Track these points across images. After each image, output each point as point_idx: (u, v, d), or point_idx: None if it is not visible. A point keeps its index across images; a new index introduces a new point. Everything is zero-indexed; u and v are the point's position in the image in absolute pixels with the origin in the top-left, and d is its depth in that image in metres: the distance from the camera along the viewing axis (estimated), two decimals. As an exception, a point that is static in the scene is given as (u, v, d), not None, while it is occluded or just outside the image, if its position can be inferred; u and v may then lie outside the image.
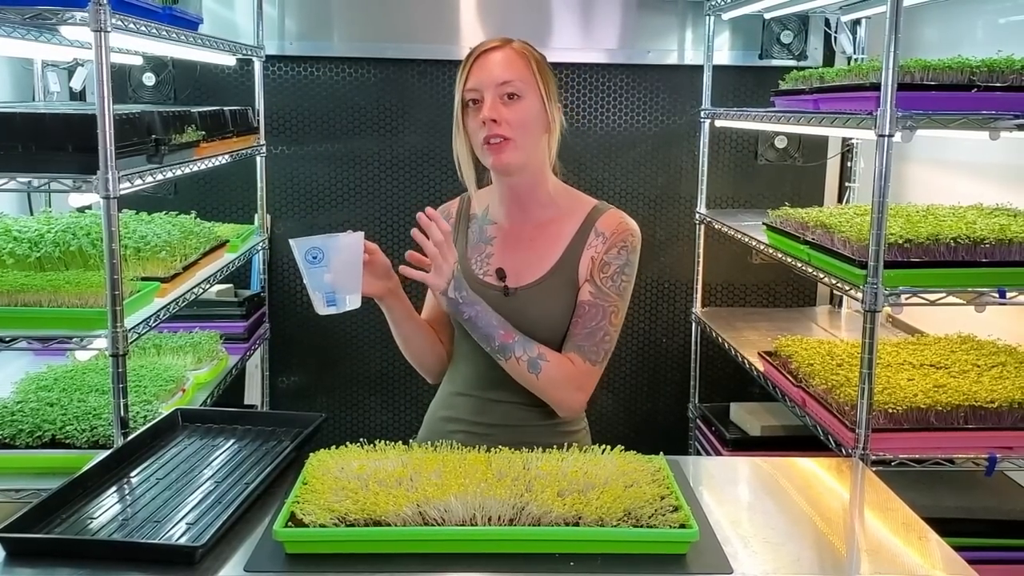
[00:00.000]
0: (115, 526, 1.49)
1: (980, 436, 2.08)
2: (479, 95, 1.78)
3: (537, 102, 1.80)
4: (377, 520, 1.45)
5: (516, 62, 1.79)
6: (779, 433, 2.98)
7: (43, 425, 2.18)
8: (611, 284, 1.83)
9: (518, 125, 1.78)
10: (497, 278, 1.87)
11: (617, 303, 1.84)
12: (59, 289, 2.12)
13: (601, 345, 1.84)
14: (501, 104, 1.77)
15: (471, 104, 1.80)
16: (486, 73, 1.78)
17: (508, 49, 1.80)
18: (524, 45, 1.84)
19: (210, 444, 1.86)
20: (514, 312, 1.83)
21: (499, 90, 1.77)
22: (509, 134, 1.77)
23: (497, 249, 1.90)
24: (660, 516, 1.47)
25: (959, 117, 1.96)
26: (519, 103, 1.78)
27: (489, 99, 1.77)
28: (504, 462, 1.62)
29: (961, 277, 2.07)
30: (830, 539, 1.57)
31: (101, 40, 1.88)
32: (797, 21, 3.65)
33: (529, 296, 1.85)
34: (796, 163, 3.82)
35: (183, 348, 2.81)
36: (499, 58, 1.79)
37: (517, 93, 1.78)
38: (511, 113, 1.77)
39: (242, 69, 3.67)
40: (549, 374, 1.79)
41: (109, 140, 1.93)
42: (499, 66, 1.78)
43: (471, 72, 1.79)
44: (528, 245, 1.88)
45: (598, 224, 1.86)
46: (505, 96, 1.77)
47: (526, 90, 1.78)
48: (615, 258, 1.83)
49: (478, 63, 1.79)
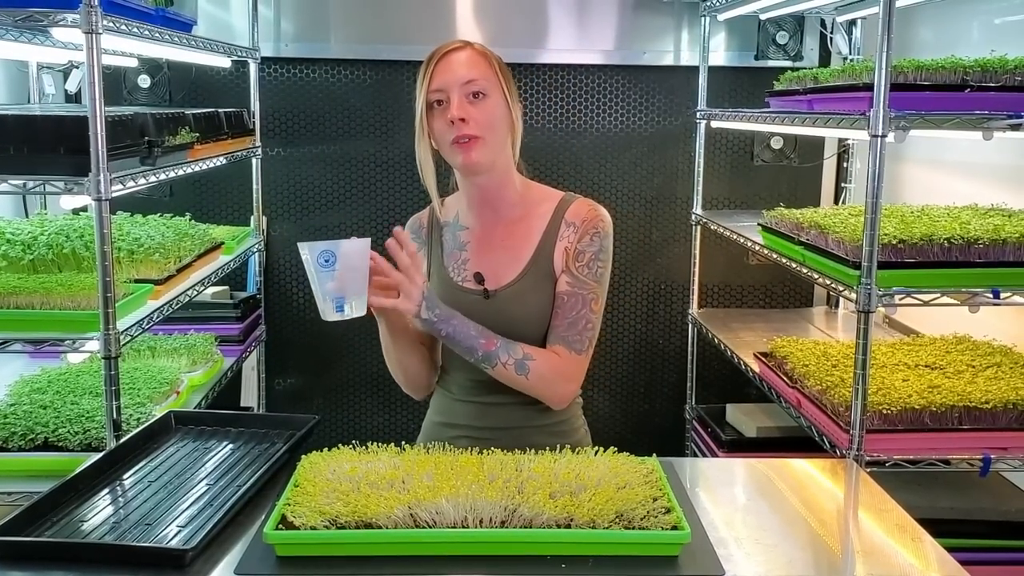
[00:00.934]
0: (107, 529, 1.49)
1: (975, 437, 2.08)
2: (444, 96, 1.78)
3: (501, 101, 1.81)
4: (368, 523, 1.44)
5: (479, 61, 1.80)
6: (775, 434, 2.98)
7: (36, 428, 2.18)
8: (587, 272, 1.83)
9: (486, 124, 1.78)
10: (476, 282, 1.87)
11: (596, 290, 1.84)
12: (51, 291, 2.12)
13: (584, 334, 1.84)
14: (468, 103, 1.77)
15: (436, 105, 1.80)
16: (450, 73, 1.78)
17: (469, 50, 1.81)
18: (483, 47, 1.85)
19: (203, 446, 1.86)
20: (496, 314, 1.84)
21: (464, 89, 1.77)
22: (477, 132, 1.77)
23: (472, 254, 1.90)
24: (652, 518, 1.47)
25: (952, 117, 1.96)
26: (485, 102, 1.78)
27: (456, 99, 1.77)
28: (496, 464, 1.62)
29: (955, 277, 2.06)
30: (824, 540, 1.57)
31: (92, 42, 1.88)
32: (793, 22, 3.65)
33: (509, 296, 1.85)
34: (792, 164, 3.82)
35: (178, 350, 2.81)
36: (462, 58, 1.79)
37: (483, 91, 1.78)
38: (478, 112, 1.78)
39: (237, 71, 3.66)
40: (538, 372, 1.79)
41: (101, 142, 1.93)
42: (463, 66, 1.78)
43: (435, 73, 1.79)
44: (501, 245, 1.88)
45: (567, 215, 1.86)
46: (471, 95, 1.78)
47: (491, 88, 1.79)
48: (588, 245, 1.83)
49: (441, 64, 1.79)
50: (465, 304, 1.84)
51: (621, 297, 3.92)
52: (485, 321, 1.83)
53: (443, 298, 1.87)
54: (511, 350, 1.78)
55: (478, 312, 1.83)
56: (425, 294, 1.72)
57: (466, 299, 1.85)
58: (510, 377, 1.79)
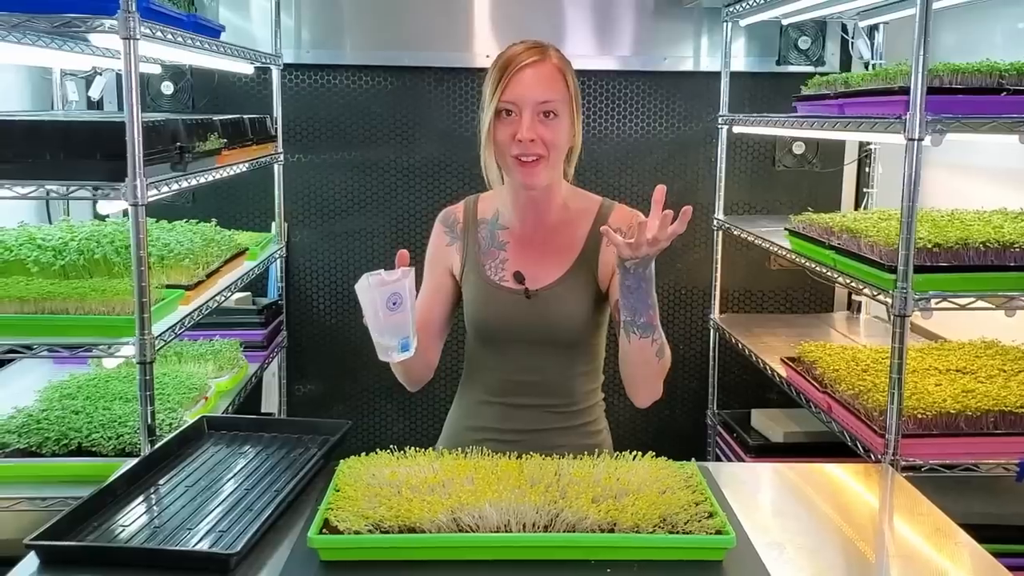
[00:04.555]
0: (147, 534, 1.49)
1: (1010, 441, 2.07)
2: (516, 109, 1.75)
3: (569, 119, 1.79)
4: (411, 527, 1.44)
5: (556, 80, 1.77)
6: (801, 439, 2.97)
7: (69, 433, 2.18)
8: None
9: (552, 144, 1.76)
10: (516, 281, 1.86)
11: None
12: (86, 297, 2.12)
13: None
14: (538, 122, 1.75)
15: (505, 115, 1.77)
16: (526, 89, 1.74)
17: (548, 64, 1.77)
18: (560, 57, 1.81)
19: (237, 452, 1.86)
20: (535, 313, 1.83)
21: (538, 108, 1.74)
22: (543, 152, 1.76)
23: (512, 253, 1.89)
24: (695, 522, 1.46)
25: (988, 120, 1.95)
26: (555, 121, 1.76)
27: (527, 117, 1.74)
28: (536, 468, 1.61)
29: (991, 281, 2.06)
30: (866, 545, 1.56)
31: (130, 48, 1.88)
32: (815, 27, 3.65)
33: (549, 297, 1.85)
34: (814, 169, 3.81)
35: (204, 356, 2.81)
36: (540, 74, 1.75)
37: (555, 112, 1.75)
38: (547, 132, 1.75)
39: (258, 78, 3.67)
40: (664, 364, 1.77)
41: (138, 147, 1.93)
42: (540, 84, 1.75)
43: (510, 84, 1.74)
44: (542, 248, 1.88)
45: (611, 221, 1.84)
46: (542, 114, 1.75)
47: (562, 109, 1.77)
48: None
49: (518, 76, 1.74)
50: (504, 302, 1.84)
51: (641, 303, 3.90)
52: (525, 320, 1.83)
53: (480, 295, 1.87)
54: (662, 332, 1.73)
55: (518, 311, 1.83)
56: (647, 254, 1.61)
57: (505, 298, 1.84)
58: (647, 355, 1.72)
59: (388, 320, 1.62)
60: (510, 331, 1.87)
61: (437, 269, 1.96)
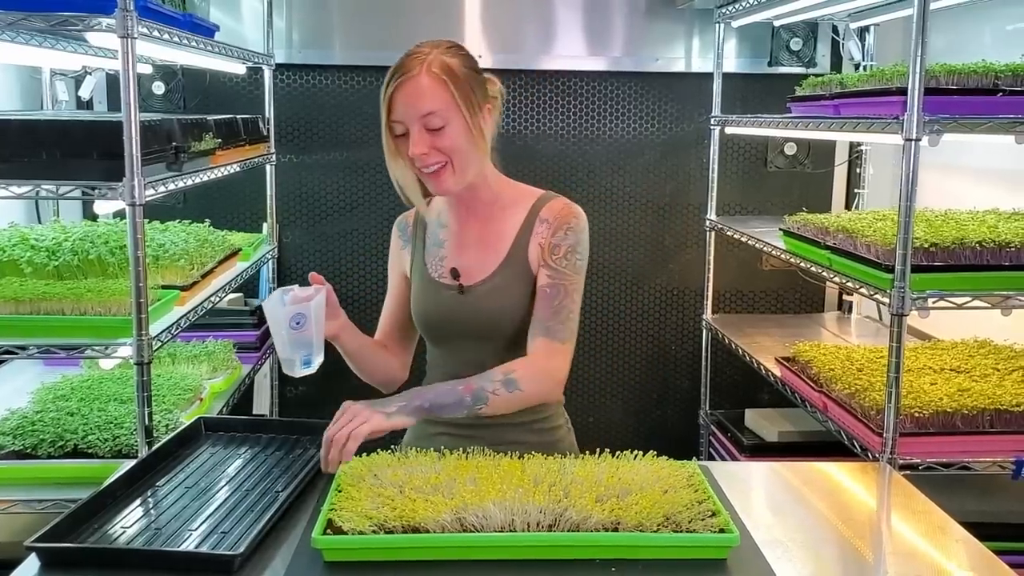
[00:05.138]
0: (148, 535, 1.48)
1: (1006, 440, 2.08)
2: (404, 128, 1.76)
3: (462, 123, 1.76)
4: (416, 527, 1.44)
5: (434, 90, 1.73)
6: (796, 439, 2.98)
7: (65, 435, 2.16)
8: (566, 263, 1.82)
9: (450, 150, 1.76)
10: (451, 278, 1.88)
11: (575, 280, 1.83)
12: (82, 297, 2.11)
13: (567, 324, 1.81)
14: (428, 134, 1.74)
15: (401, 135, 1.78)
16: (406, 106, 1.74)
17: (424, 76, 1.73)
18: (439, 62, 1.75)
19: (235, 452, 1.86)
20: (470, 309, 1.85)
21: (423, 121, 1.74)
22: (443, 159, 1.76)
23: (449, 251, 1.91)
24: (699, 521, 1.47)
25: (985, 121, 1.96)
26: (445, 131, 1.75)
27: (415, 132, 1.74)
28: (539, 468, 1.62)
29: (987, 281, 2.07)
30: (866, 542, 1.57)
31: (128, 46, 1.87)
32: (806, 28, 3.66)
33: (482, 292, 1.86)
34: (805, 170, 3.83)
35: (198, 357, 2.80)
36: (417, 88, 1.73)
37: (442, 121, 1.74)
38: (440, 140, 1.75)
39: (250, 78, 3.66)
40: (527, 378, 1.75)
41: (135, 147, 1.92)
42: (418, 98, 1.73)
43: (393, 103, 1.75)
44: (477, 243, 1.89)
45: (542, 212, 1.86)
46: (430, 128, 1.74)
47: (449, 116, 1.74)
48: (563, 239, 1.82)
49: (398, 93, 1.74)
50: (441, 299, 1.88)
51: (633, 303, 3.92)
52: (460, 316, 1.86)
53: (420, 293, 1.92)
54: (491, 376, 1.74)
55: (453, 307, 1.86)
56: (371, 406, 1.68)
57: (442, 294, 1.88)
58: (506, 401, 1.74)
59: (291, 337, 1.71)
60: (449, 327, 1.90)
61: (395, 273, 2.02)
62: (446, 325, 1.90)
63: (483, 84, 1.82)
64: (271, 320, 1.71)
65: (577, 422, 2.04)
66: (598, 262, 3.88)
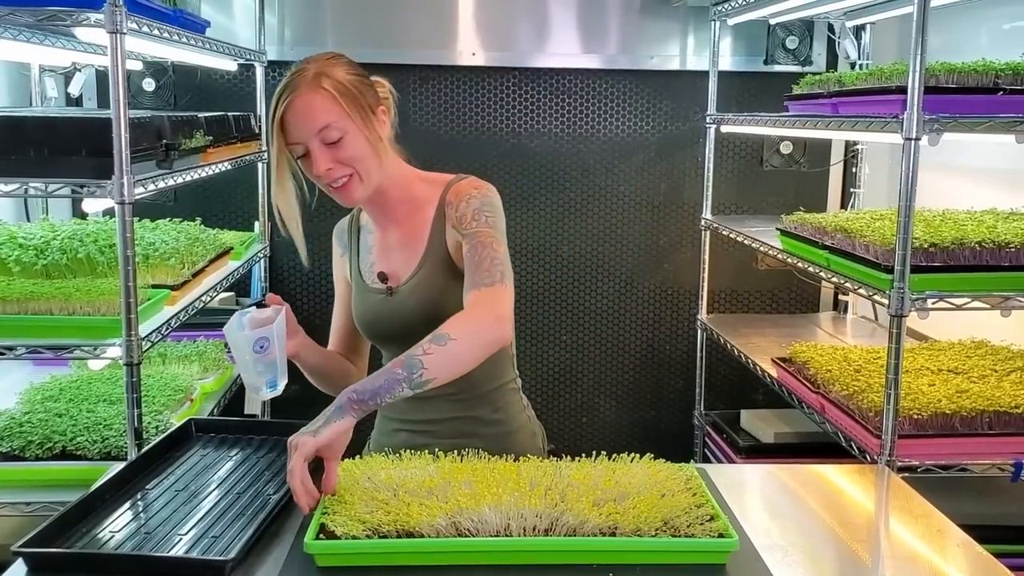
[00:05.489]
0: (138, 540, 1.46)
1: (1005, 442, 2.06)
2: (304, 148, 1.74)
3: (358, 132, 1.74)
4: (410, 531, 1.42)
5: (323, 104, 1.71)
6: (792, 440, 2.96)
7: (53, 436, 2.14)
8: (476, 224, 1.77)
9: (352, 160, 1.74)
10: (380, 282, 1.89)
11: (491, 234, 1.77)
12: (70, 297, 2.08)
13: (493, 267, 1.73)
14: (328, 149, 1.73)
15: (302, 156, 1.76)
16: (299, 126, 1.72)
17: (310, 91, 1.71)
18: (319, 74, 1.73)
19: (225, 455, 1.84)
20: (399, 310, 1.85)
21: (320, 137, 1.72)
22: (348, 171, 1.75)
23: (376, 255, 1.92)
24: (698, 525, 1.45)
25: (985, 120, 1.94)
26: (343, 142, 1.73)
27: (315, 149, 1.72)
28: (535, 471, 1.60)
29: (987, 281, 2.05)
30: (866, 546, 1.55)
31: (117, 42, 1.85)
32: (802, 27, 3.65)
33: (407, 290, 1.86)
34: (801, 169, 3.81)
35: (188, 357, 2.77)
36: (306, 105, 1.71)
37: (337, 133, 1.72)
38: (341, 153, 1.73)
39: (241, 75, 3.63)
40: (457, 328, 1.64)
41: (125, 144, 1.90)
42: (309, 114, 1.71)
43: (285, 126, 1.73)
44: (399, 244, 1.89)
45: (448, 196, 1.84)
46: (328, 142, 1.73)
47: (344, 126, 1.73)
48: (467, 206, 1.79)
49: (288, 114, 1.72)
50: (373, 303, 1.89)
51: (628, 303, 3.90)
52: (392, 318, 1.86)
53: (356, 299, 1.93)
54: (421, 345, 1.63)
55: (384, 310, 1.87)
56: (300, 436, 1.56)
57: (374, 298, 1.89)
58: (445, 357, 1.61)
59: (256, 362, 1.68)
60: (385, 330, 1.90)
61: (339, 281, 2.03)
62: (383, 328, 1.90)
63: (371, 88, 1.81)
64: (233, 346, 1.68)
65: (570, 422, 2.03)
66: (593, 261, 3.86)
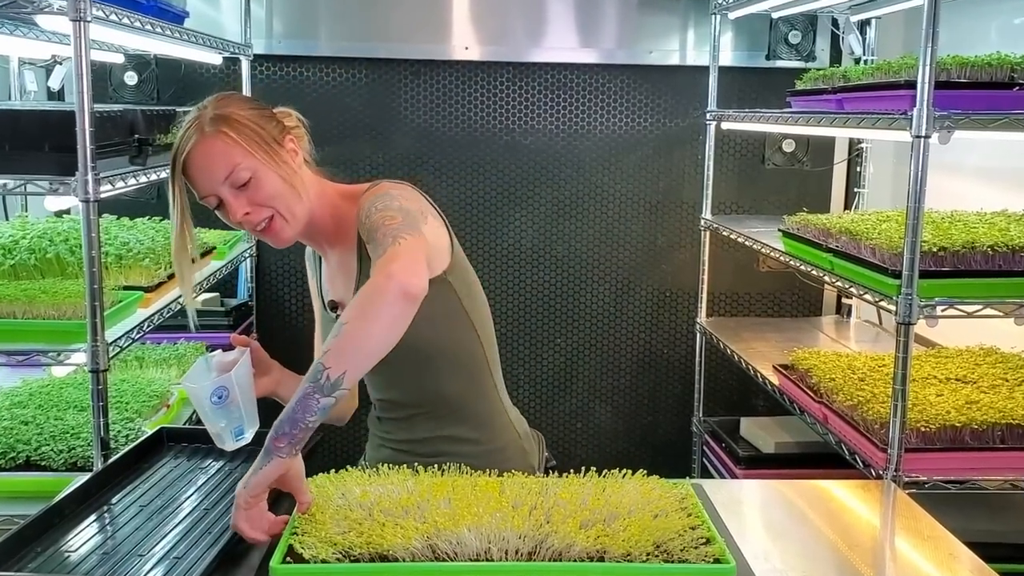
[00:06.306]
0: (96, 560, 1.38)
1: (1019, 456, 1.96)
2: (216, 198, 1.64)
3: (267, 169, 1.65)
4: (383, 555, 1.34)
5: (223, 150, 1.62)
6: (794, 450, 2.86)
7: (17, 445, 2.05)
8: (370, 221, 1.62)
9: (269, 198, 1.65)
10: (331, 310, 1.84)
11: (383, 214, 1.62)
12: (34, 299, 1.99)
13: (384, 238, 1.56)
14: (241, 193, 1.64)
15: (217, 207, 1.67)
16: (207, 179, 1.63)
17: (207, 141, 1.62)
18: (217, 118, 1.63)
19: (197, 466, 1.77)
20: None
21: (229, 182, 1.63)
22: (268, 213, 1.65)
23: (326, 283, 1.86)
24: (692, 549, 1.37)
25: (1000, 117, 1.84)
26: (254, 182, 1.63)
27: (228, 196, 1.63)
28: (519, 489, 1.51)
29: (1000, 287, 1.95)
30: (872, 571, 1.46)
31: (80, 30, 1.75)
32: (805, 21, 3.56)
33: None
34: (804, 167, 3.72)
35: (167, 360, 2.68)
36: (207, 155, 1.62)
37: (247, 173, 1.63)
38: (255, 194, 1.64)
39: (228, 69, 3.54)
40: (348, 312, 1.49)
41: (88, 139, 1.80)
42: (213, 164, 1.62)
43: (195, 183, 1.64)
44: (339, 270, 1.82)
45: (359, 213, 1.70)
46: (238, 186, 1.63)
47: (250, 167, 1.63)
48: (368, 215, 1.64)
49: (189, 168, 1.63)
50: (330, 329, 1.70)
51: (624, 305, 3.81)
52: None
53: (323, 328, 1.92)
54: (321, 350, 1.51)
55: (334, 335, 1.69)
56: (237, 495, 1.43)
57: (329, 325, 1.79)
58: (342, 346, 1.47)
59: (215, 413, 1.57)
60: None
61: (316, 303, 1.95)
62: None
63: (273, 119, 1.71)
64: (191, 395, 1.58)
65: (565, 428, 1.93)
66: (589, 262, 3.78)
